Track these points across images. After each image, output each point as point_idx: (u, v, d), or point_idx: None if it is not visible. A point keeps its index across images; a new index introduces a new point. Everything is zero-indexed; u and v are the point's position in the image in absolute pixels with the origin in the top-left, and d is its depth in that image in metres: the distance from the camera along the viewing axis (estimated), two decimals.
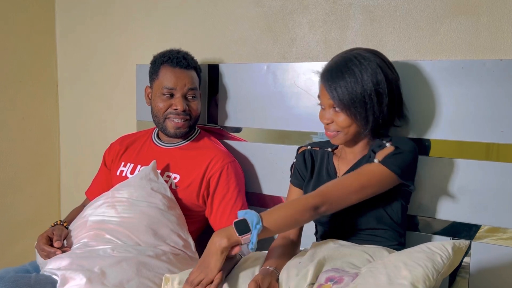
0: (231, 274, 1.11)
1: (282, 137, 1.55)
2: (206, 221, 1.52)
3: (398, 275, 0.92)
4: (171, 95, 1.46)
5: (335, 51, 1.44)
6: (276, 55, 1.56)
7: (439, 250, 0.97)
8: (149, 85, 1.56)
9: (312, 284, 0.99)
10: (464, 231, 1.29)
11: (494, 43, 1.24)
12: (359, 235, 1.19)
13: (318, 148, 1.32)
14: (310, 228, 1.32)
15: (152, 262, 1.18)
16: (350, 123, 1.15)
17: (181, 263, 1.25)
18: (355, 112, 1.13)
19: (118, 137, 1.68)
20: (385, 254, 1.08)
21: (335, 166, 1.26)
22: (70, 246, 1.28)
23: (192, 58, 1.53)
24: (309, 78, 1.48)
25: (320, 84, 1.20)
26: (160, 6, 1.79)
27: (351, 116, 1.14)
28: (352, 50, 1.18)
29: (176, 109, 1.45)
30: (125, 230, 1.26)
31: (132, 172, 1.50)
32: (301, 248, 1.28)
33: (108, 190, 1.43)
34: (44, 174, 2.14)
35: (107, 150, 1.65)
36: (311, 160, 1.30)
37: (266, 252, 1.21)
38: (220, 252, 1.01)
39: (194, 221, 1.48)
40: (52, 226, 1.37)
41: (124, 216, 1.29)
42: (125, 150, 1.58)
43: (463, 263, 1.29)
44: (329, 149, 1.31)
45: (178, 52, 1.51)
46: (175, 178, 1.46)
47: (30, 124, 2.06)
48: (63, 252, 1.23)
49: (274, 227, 1.04)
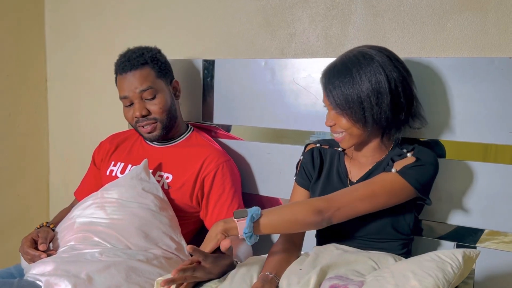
0: (228, 278, 1.05)
1: (280, 136, 1.50)
2: (200, 222, 1.47)
3: (407, 285, 0.87)
4: (132, 103, 1.40)
5: (336, 47, 1.41)
6: (274, 50, 1.51)
7: (449, 259, 0.93)
8: None
9: None
10: (468, 235, 1.26)
11: (503, 40, 1.20)
12: (367, 242, 1.15)
13: (327, 146, 1.26)
14: (310, 233, 1.26)
15: (143, 267, 1.13)
16: (351, 125, 1.11)
17: (173, 267, 1.18)
18: (351, 114, 1.08)
19: (109, 134, 1.62)
20: (390, 261, 1.04)
21: (346, 168, 1.20)
22: (56, 249, 1.23)
23: (141, 54, 1.39)
24: (308, 75, 1.43)
25: (322, 87, 1.16)
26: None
27: (348, 118, 1.09)
28: (358, 48, 1.13)
29: (136, 117, 1.38)
30: (114, 233, 1.21)
31: (122, 172, 1.45)
32: (302, 251, 1.22)
33: (97, 190, 1.37)
34: (32, 172, 2.09)
35: (96, 148, 1.59)
36: (320, 159, 1.24)
37: (265, 256, 1.16)
38: (214, 235, 1.01)
39: (188, 222, 1.42)
40: (37, 228, 1.31)
41: (113, 218, 1.24)
42: (115, 149, 1.53)
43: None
44: (339, 148, 1.25)
45: (125, 54, 1.42)
46: (167, 178, 1.40)
47: (17, 121, 2.00)
48: (49, 255, 1.17)
49: (273, 223, 1.01)
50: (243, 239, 1.00)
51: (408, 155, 1.11)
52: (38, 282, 1.08)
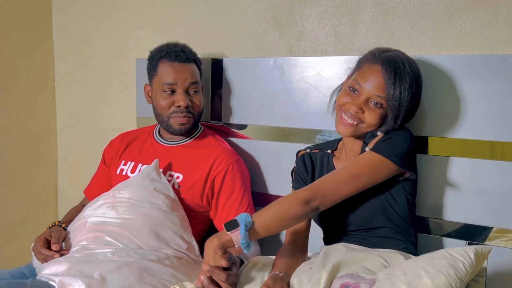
0: (239, 280, 1.06)
1: (289, 135, 1.50)
2: (209, 222, 1.48)
3: (420, 284, 0.87)
4: (173, 91, 1.41)
5: (346, 45, 1.41)
6: (283, 49, 1.51)
7: (461, 257, 0.93)
8: (148, 82, 1.51)
9: None
10: (477, 233, 1.25)
11: None
12: (367, 236, 1.16)
13: (317, 151, 1.29)
14: (317, 233, 1.28)
15: (155, 267, 1.14)
16: (379, 122, 1.13)
17: (184, 267, 1.20)
18: (399, 117, 1.11)
19: (118, 134, 1.64)
20: (400, 258, 1.04)
21: (335, 167, 1.23)
22: (68, 249, 1.24)
23: (191, 51, 1.48)
24: (318, 73, 1.42)
25: (373, 70, 1.12)
26: None
27: (393, 119, 1.11)
28: (405, 55, 1.16)
29: (179, 106, 1.40)
30: (126, 233, 1.22)
31: (133, 171, 1.45)
32: (308, 252, 1.24)
33: (107, 189, 1.39)
34: (40, 172, 2.10)
35: (106, 147, 1.60)
36: (311, 163, 1.28)
37: (274, 257, 1.17)
38: (213, 252, 0.99)
39: (198, 222, 1.43)
40: (49, 227, 1.32)
41: (125, 218, 1.25)
42: (125, 148, 1.53)
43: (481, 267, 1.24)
44: (328, 151, 1.28)
45: (176, 45, 1.46)
46: (177, 177, 1.41)
47: (26, 120, 2.02)
48: (61, 255, 1.18)
49: (265, 225, 1.01)
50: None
51: (378, 133, 1.14)
52: (51, 282, 1.09)
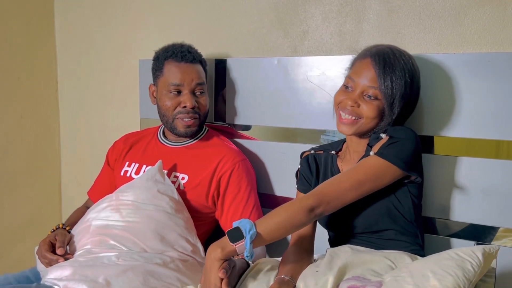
0: (245, 283, 1.05)
1: (294, 135, 1.50)
2: (214, 223, 1.48)
3: (427, 286, 0.87)
4: (179, 92, 1.41)
5: (350, 44, 1.40)
6: (287, 48, 1.50)
7: (468, 257, 0.92)
8: (152, 83, 1.51)
9: None
10: (484, 233, 1.25)
11: None
12: (372, 238, 1.15)
13: (321, 152, 1.29)
14: (323, 235, 1.28)
15: (160, 271, 1.14)
16: (376, 115, 1.12)
17: (189, 270, 1.20)
18: (394, 107, 1.11)
19: (121, 135, 1.64)
20: (407, 259, 1.03)
21: (339, 169, 1.23)
22: (72, 252, 1.24)
23: (196, 51, 1.48)
24: (322, 73, 1.42)
25: (363, 64, 1.14)
26: None
27: (388, 109, 1.11)
28: (396, 47, 1.17)
29: (185, 106, 1.40)
30: (130, 236, 1.22)
31: (137, 173, 1.45)
32: (314, 254, 1.24)
33: (111, 191, 1.40)
34: (44, 174, 2.10)
35: (110, 148, 1.60)
36: (315, 164, 1.27)
37: (279, 259, 1.16)
38: (217, 264, 0.98)
39: (203, 223, 1.43)
40: (53, 230, 1.33)
41: (129, 221, 1.25)
42: (129, 149, 1.54)
43: (490, 268, 1.23)
44: (332, 151, 1.27)
45: (182, 45, 1.46)
46: (183, 178, 1.41)
47: (29, 123, 2.02)
48: (66, 259, 1.18)
49: (269, 233, 1.00)
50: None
51: (383, 136, 1.13)
52: (56, 287, 1.09)
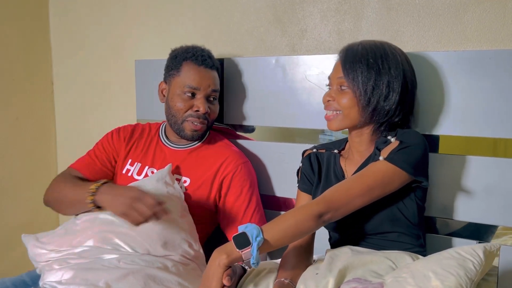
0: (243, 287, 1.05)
1: (293, 135, 1.49)
2: (213, 226, 1.48)
3: (429, 286, 0.86)
4: (193, 95, 1.40)
5: (349, 42, 1.38)
6: (285, 47, 1.50)
7: (470, 256, 0.92)
8: (163, 80, 1.48)
9: None
10: (483, 232, 1.26)
11: None
12: (375, 240, 1.15)
13: (324, 150, 1.29)
14: (322, 235, 1.28)
15: (161, 275, 1.13)
16: (352, 105, 1.13)
17: (190, 274, 1.20)
18: (360, 94, 1.12)
19: None
20: (408, 259, 1.03)
21: (342, 168, 1.22)
22: (75, 245, 1.23)
23: (215, 58, 1.47)
24: (321, 72, 1.41)
25: (336, 62, 1.19)
26: None
27: (353, 97, 1.12)
28: (379, 40, 1.18)
29: (197, 110, 1.39)
30: (136, 236, 1.21)
31: (139, 173, 1.44)
32: (314, 256, 1.23)
33: (101, 172, 1.43)
34: (40, 176, 2.09)
35: (115, 132, 1.53)
36: (318, 163, 1.27)
37: (279, 261, 1.16)
38: (221, 270, 0.96)
39: (202, 226, 1.42)
40: (99, 187, 1.23)
41: None
42: (135, 142, 1.50)
43: (492, 266, 1.23)
44: (335, 150, 1.27)
45: (203, 49, 1.45)
46: (185, 181, 1.41)
47: (25, 125, 2.01)
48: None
49: (276, 239, 0.99)
50: None
51: (392, 140, 1.12)
52: None
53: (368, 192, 1.04)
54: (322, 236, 1.29)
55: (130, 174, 1.45)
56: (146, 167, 1.44)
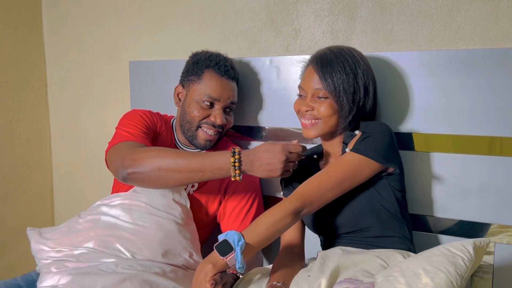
0: None
1: (289, 135, 1.49)
2: (214, 229, 1.49)
3: (419, 284, 0.87)
4: (211, 104, 1.37)
5: (343, 42, 1.40)
6: (279, 48, 1.50)
7: (460, 252, 0.93)
8: (180, 84, 1.45)
9: None
10: (478, 230, 1.26)
11: None
12: (362, 238, 1.16)
13: (303, 157, 1.30)
14: (314, 239, 1.30)
15: (158, 280, 1.14)
16: (332, 113, 1.16)
17: (189, 279, 1.20)
18: (341, 102, 1.15)
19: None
20: (399, 257, 1.04)
21: (321, 169, 1.24)
22: (77, 244, 1.21)
23: (236, 69, 1.45)
24: None
25: (307, 71, 1.21)
26: None
27: (338, 104, 1.15)
28: (341, 45, 1.22)
29: (213, 120, 1.37)
30: (138, 241, 1.21)
31: None
32: (306, 259, 1.25)
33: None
34: (35, 179, 2.09)
35: (147, 113, 1.42)
36: (298, 171, 1.28)
37: (270, 266, 1.17)
38: (204, 276, 0.97)
39: (203, 231, 1.44)
40: (240, 151, 1.17)
41: (138, 224, 1.24)
42: (159, 133, 1.42)
43: (487, 264, 1.23)
44: (314, 156, 1.31)
45: (226, 59, 1.43)
46: (192, 186, 1.41)
47: (18, 128, 2.01)
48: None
49: (258, 241, 1.01)
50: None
51: (356, 132, 1.17)
52: None
53: (339, 184, 1.08)
54: (314, 240, 1.31)
55: None
56: None
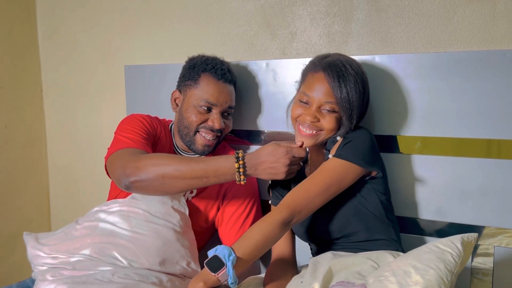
0: None
1: (285, 139, 1.46)
2: (211, 236, 1.48)
3: (410, 282, 0.89)
4: (209, 109, 1.37)
5: (339, 44, 1.39)
6: (275, 51, 1.50)
7: (448, 248, 0.95)
8: (177, 89, 1.44)
9: None
10: (477, 232, 1.25)
11: None
12: (351, 243, 1.17)
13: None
14: (305, 248, 1.30)
15: None
16: (336, 126, 1.16)
17: (184, 287, 1.18)
18: (352, 118, 1.14)
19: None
20: (389, 257, 1.05)
21: (307, 176, 1.23)
22: (74, 252, 1.20)
23: (233, 72, 1.43)
24: None
25: (316, 78, 1.16)
26: (150, 1, 1.73)
27: (347, 120, 1.14)
28: (344, 56, 1.20)
29: (211, 125, 1.36)
30: (135, 249, 1.21)
31: None
32: (298, 267, 1.27)
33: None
34: (31, 184, 2.08)
35: (146, 118, 1.40)
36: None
37: (262, 275, 1.17)
38: None
39: (201, 238, 1.43)
40: (243, 156, 1.15)
41: (136, 232, 1.23)
42: (159, 139, 1.42)
43: (487, 267, 1.23)
44: (300, 163, 1.30)
45: (222, 62, 1.42)
46: (191, 192, 1.40)
47: (14, 133, 2.01)
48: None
49: (248, 254, 1.01)
50: None
51: (338, 138, 1.18)
52: None
53: (325, 190, 1.08)
54: (305, 250, 1.31)
55: None
56: None
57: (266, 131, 1.52)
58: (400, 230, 1.27)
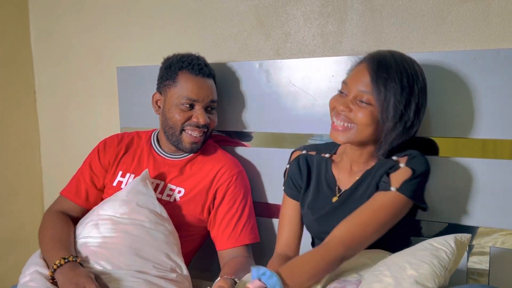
0: None
1: (280, 140, 1.50)
2: (204, 238, 1.47)
3: (404, 275, 0.91)
4: (191, 106, 1.37)
5: (333, 45, 1.39)
6: (269, 51, 1.50)
7: (442, 246, 0.97)
8: (158, 91, 1.45)
9: None
10: (472, 233, 1.26)
11: (508, 31, 1.21)
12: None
13: (314, 153, 1.26)
14: (306, 240, 1.29)
15: None
16: (370, 122, 1.06)
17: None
18: (388, 115, 1.05)
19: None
20: (383, 255, 1.07)
21: (334, 176, 1.20)
22: None
23: (210, 65, 1.45)
24: (305, 76, 1.42)
25: (358, 68, 1.10)
26: (142, 2, 1.71)
27: (382, 116, 1.05)
28: (404, 54, 1.12)
29: (196, 121, 1.37)
30: (105, 252, 1.21)
31: None
32: None
33: (92, 200, 1.41)
34: (25, 188, 2.07)
35: (101, 146, 1.49)
36: (307, 167, 1.23)
37: None
38: None
39: (194, 238, 1.44)
40: (62, 264, 1.16)
41: (106, 236, 1.24)
42: (124, 153, 1.47)
43: (483, 266, 1.22)
44: (327, 154, 1.24)
45: (198, 58, 1.43)
46: (179, 192, 1.40)
47: (7, 135, 2.01)
48: None
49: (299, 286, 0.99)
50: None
51: (401, 165, 1.09)
52: None
53: (383, 227, 1.05)
54: (306, 244, 1.30)
55: (123, 186, 1.42)
56: None
57: (258, 132, 1.52)
58: None
